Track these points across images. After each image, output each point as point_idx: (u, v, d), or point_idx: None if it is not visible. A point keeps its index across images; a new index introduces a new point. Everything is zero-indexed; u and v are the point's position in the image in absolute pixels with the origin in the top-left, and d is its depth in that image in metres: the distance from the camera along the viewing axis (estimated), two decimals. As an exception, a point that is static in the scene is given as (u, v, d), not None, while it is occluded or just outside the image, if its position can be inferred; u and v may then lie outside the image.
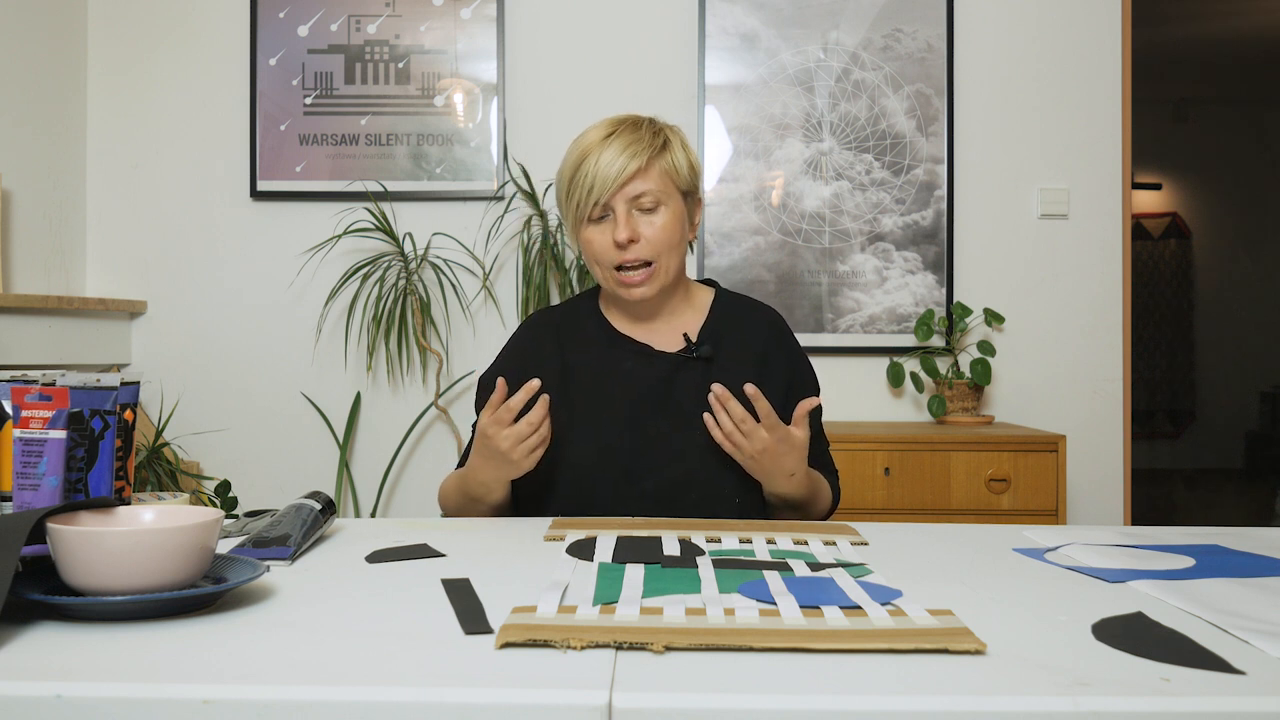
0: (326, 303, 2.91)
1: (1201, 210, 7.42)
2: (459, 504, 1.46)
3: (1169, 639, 0.78)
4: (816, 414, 1.55)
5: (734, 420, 1.35)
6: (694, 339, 1.50)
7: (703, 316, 1.54)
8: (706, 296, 1.57)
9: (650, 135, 1.44)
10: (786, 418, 1.40)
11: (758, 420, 1.34)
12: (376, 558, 1.07)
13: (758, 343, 1.52)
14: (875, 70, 2.91)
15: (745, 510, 1.44)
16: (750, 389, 1.34)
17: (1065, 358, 2.93)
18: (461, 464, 1.51)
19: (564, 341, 1.51)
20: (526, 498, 1.47)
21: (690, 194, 1.49)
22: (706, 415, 1.38)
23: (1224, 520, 5.56)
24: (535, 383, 1.30)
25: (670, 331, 1.52)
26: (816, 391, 1.56)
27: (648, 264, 1.44)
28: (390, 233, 2.82)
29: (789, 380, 1.51)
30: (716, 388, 1.36)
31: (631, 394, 1.46)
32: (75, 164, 2.95)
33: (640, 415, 1.45)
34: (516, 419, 1.31)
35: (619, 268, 1.44)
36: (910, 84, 2.91)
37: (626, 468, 1.43)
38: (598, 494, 1.42)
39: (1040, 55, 2.93)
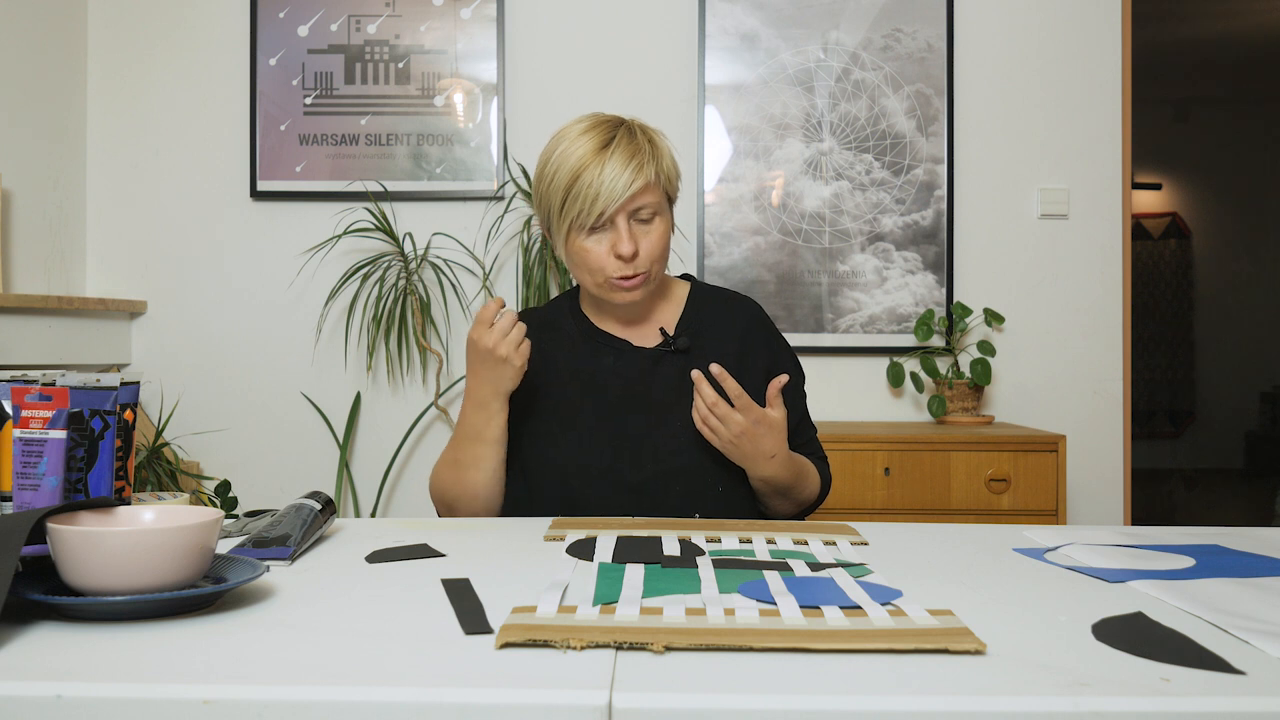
0: (326, 303, 2.91)
1: (1201, 210, 7.42)
2: (452, 478, 1.46)
3: (1169, 639, 0.78)
4: (801, 400, 1.56)
5: (707, 404, 1.36)
6: (671, 332, 1.51)
7: (680, 310, 1.55)
8: (683, 290, 1.58)
9: (647, 145, 1.42)
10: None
11: (731, 404, 1.36)
12: (376, 558, 1.07)
13: (736, 332, 1.53)
14: (875, 70, 2.91)
15: (730, 497, 1.44)
16: (716, 369, 1.36)
17: (1065, 358, 2.93)
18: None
19: (545, 341, 1.52)
20: (513, 498, 1.48)
21: (674, 198, 1.49)
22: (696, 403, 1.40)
23: (1224, 520, 5.56)
24: (500, 298, 1.40)
25: (649, 328, 1.53)
26: (799, 375, 1.56)
27: (642, 273, 1.44)
28: (390, 233, 2.82)
29: (769, 366, 1.51)
30: (695, 374, 1.38)
31: (611, 391, 1.47)
32: (75, 164, 2.95)
33: (621, 411, 1.46)
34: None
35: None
36: (910, 84, 2.91)
37: (609, 464, 1.43)
38: (582, 492, 1.42)
39: (1040, 55, 2.93)
